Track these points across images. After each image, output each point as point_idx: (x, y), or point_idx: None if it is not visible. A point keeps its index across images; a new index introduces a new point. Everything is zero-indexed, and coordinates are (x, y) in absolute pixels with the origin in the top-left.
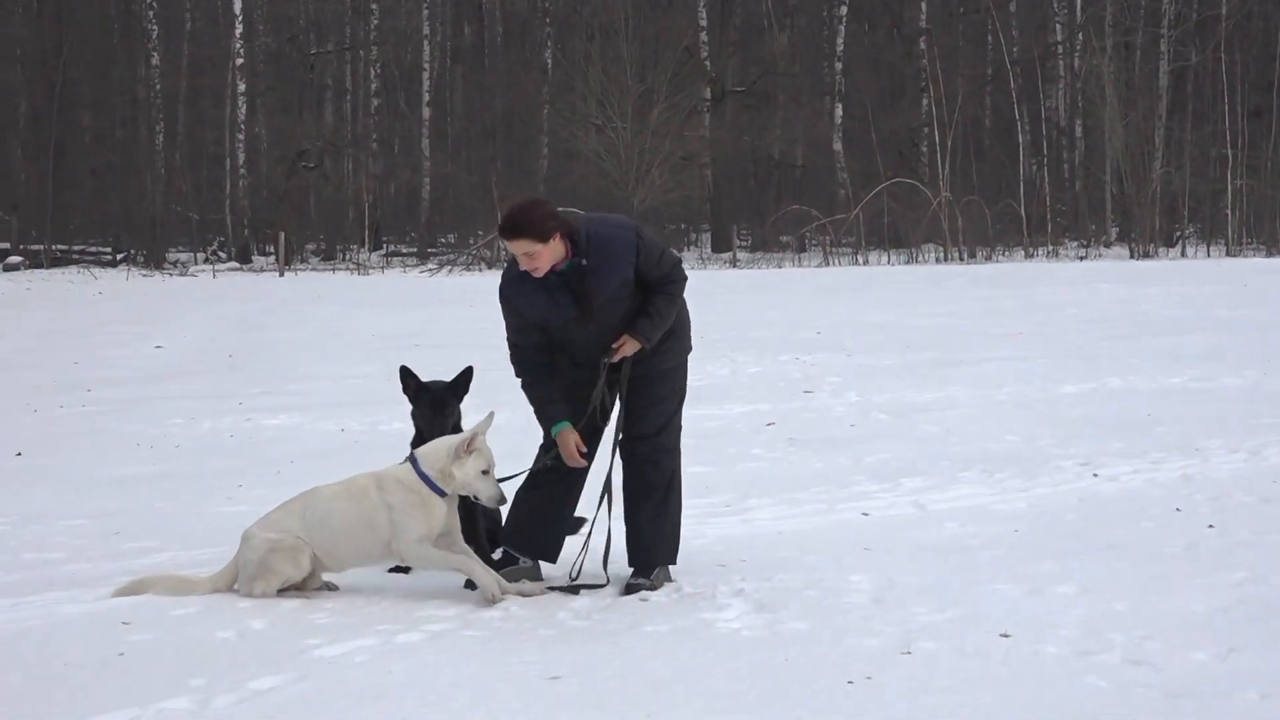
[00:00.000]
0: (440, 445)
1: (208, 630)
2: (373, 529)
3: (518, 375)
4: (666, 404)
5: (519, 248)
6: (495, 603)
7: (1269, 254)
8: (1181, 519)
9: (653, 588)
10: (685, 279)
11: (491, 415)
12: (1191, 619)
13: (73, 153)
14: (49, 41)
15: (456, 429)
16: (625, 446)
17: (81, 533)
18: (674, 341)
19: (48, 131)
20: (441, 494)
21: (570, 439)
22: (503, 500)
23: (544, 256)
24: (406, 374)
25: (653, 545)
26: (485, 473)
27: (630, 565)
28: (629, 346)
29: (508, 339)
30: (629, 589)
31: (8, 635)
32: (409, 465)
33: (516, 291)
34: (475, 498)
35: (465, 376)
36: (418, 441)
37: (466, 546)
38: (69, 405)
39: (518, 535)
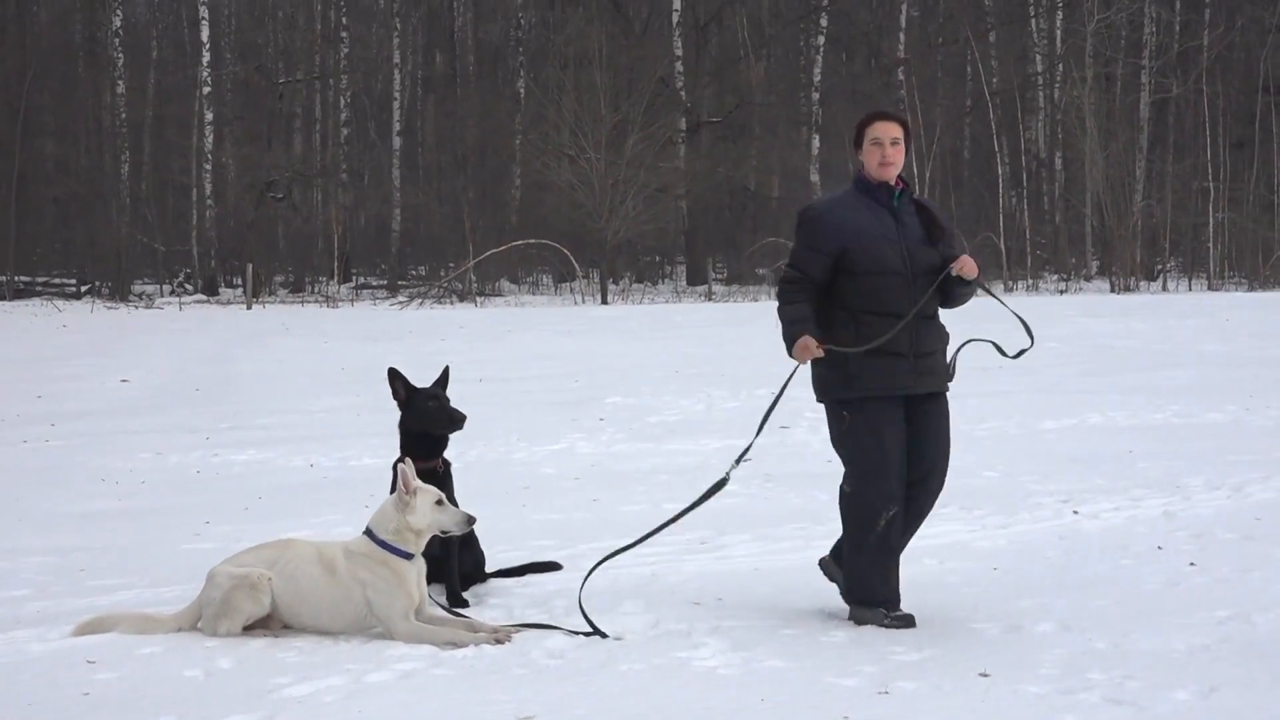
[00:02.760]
0: (385, 506)
1: (174, 669)
2: (346, 603)
3: (784, 302)
4: (947, 437)
5: (892, 131)
6: (504, 641)
7: (1251, 288)
8: (1163, 556)
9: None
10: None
11: (409, 461)
12: (1173, 657)
13: (36, 181)
14: (12, 67)
15: (442, 441)
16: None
17: (46, 569)
18: (944, 371)
19: (10, 159)
20: (408, 557)
21: (810, 341)
22: (471, 521)
23: (902, 153)
24: (395, 376)
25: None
26: (439, 503)
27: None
28: (968, 266)
29: (790, 268)
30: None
31: None
32: (365, 538)
33: (830, 210)
34: (445, 532)
35: (444, 376)
36: (405, 447)
37: (439, 615)
38: (32, 440)
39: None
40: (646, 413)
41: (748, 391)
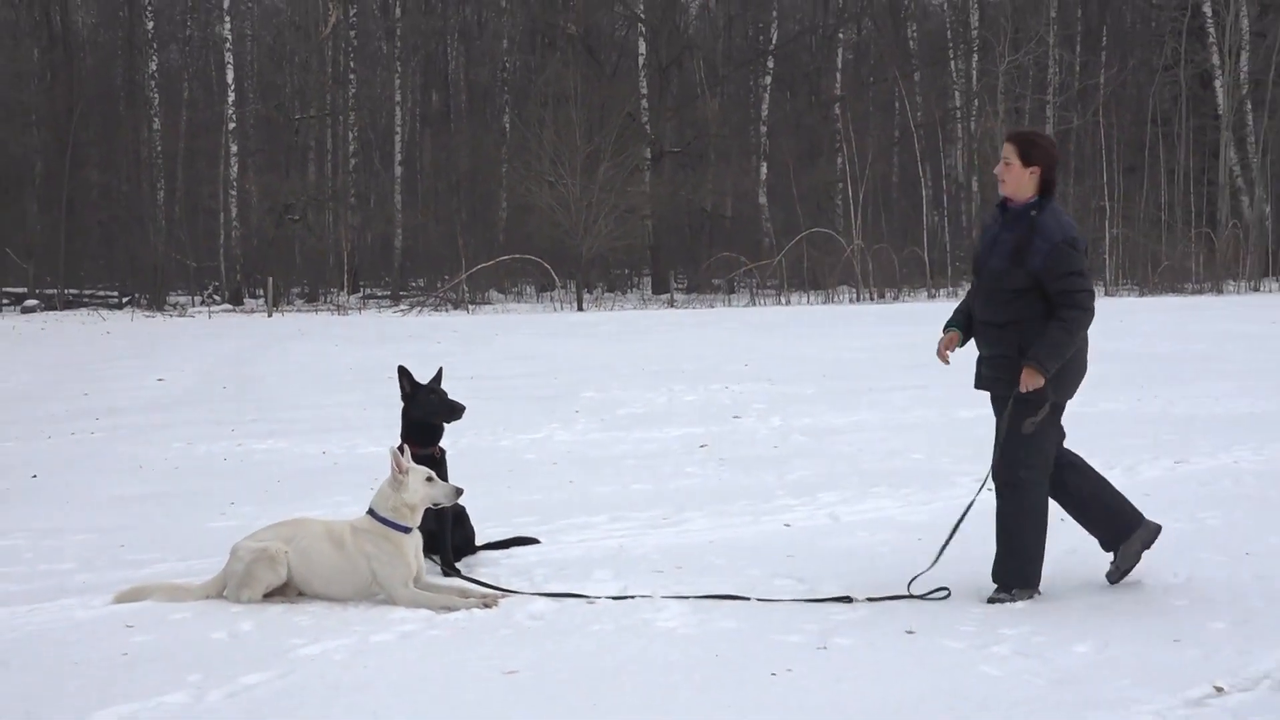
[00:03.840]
0: (383, 487)
1: (202, 632)
2: (354, 574)
3: None
4: (1013, 440)
5: (1005, 150)
6: (492, 606)
7: (1142, 293)
8: (1065, 527)
9: (998, 600)
10: (1083, 311)
11: (406, 447)
12: (1074, 616)
13: (82, 207)
14: (61, 107)
15: (438, 430)
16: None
17: (90, 546)
18: (1016, 373)
19: (60, 187)
20: (406, 531)
21: (949, 337)
22: (459, 492)
23: (1013, 173)
24: (404, 373)
25: (1002, 568)
26: (429, 479)
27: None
28: (1029, 378)
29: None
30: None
31: (24, 637)
32: (368, 517)
33: (988, 219)
34: (436, 504)
35: (438, 375)
36: (406, 434)
37: (435, 581)
38: (79, 432)
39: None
40: (616, 405)
41: (704, 386)
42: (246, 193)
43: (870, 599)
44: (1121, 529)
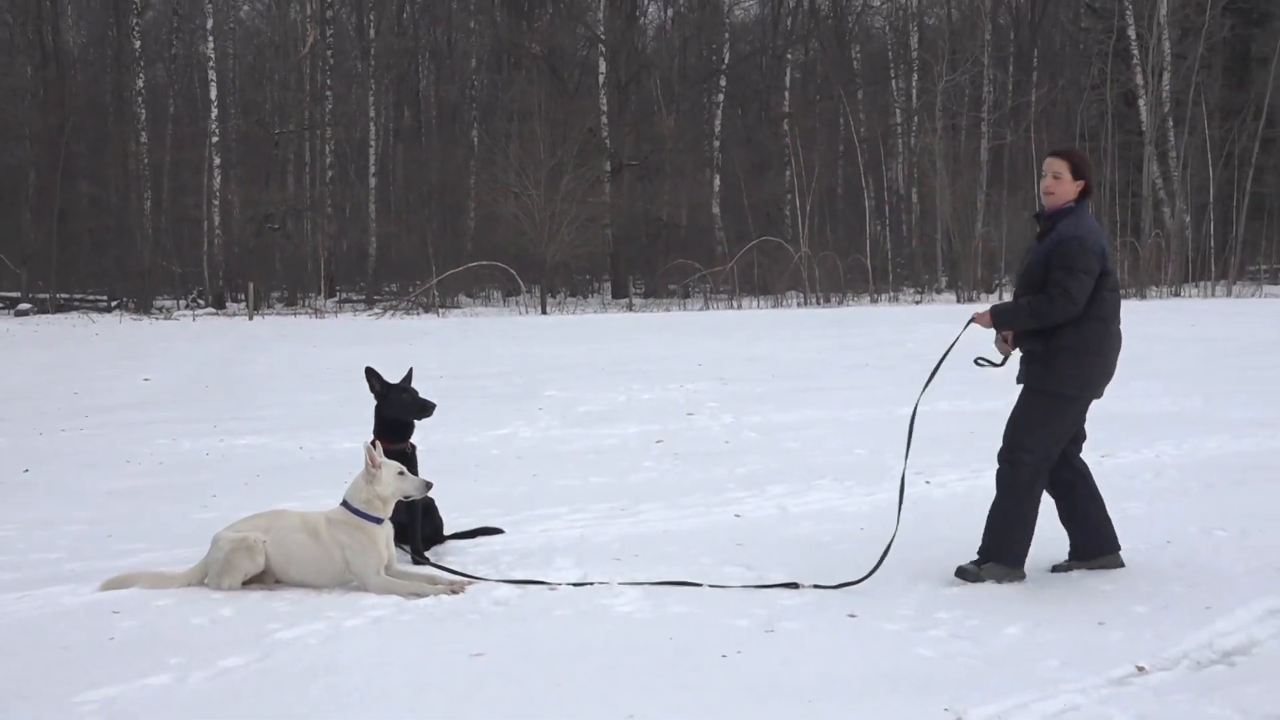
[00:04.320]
0: (357, 480)
1: (185, 617)
2: (328, 562)
3: None
4: (1019, 422)
5: (1053, 166)
6: (459, 592)
7: None
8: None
9: (975, 575)
10: (1058, 298)
11: (378, 443)
12: (1005, 600)
13: (73, 216)
14: (53, 122)
15: (409, 427)
16: None
17: (79, 536)
18: (1040, 366)
19: (52, 198)
20: (377, 521)
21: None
22: (428, 486)
23: (1063, 186)
24: (371, 374)
25: (985, 540)
26: (400, 474)
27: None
28: (980, 318)
29: None
30: (959, 571)
31: (16, 623)
32: (342, 508)
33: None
34: (407, 497)
35: (408, 376)
36: (379, 431)
37: (405, 569)
38: (69, 429)
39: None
40: (577, 403)
41: (660, 385)
42: (229, 203)
43: (816, 585)
44: (1094, 547)
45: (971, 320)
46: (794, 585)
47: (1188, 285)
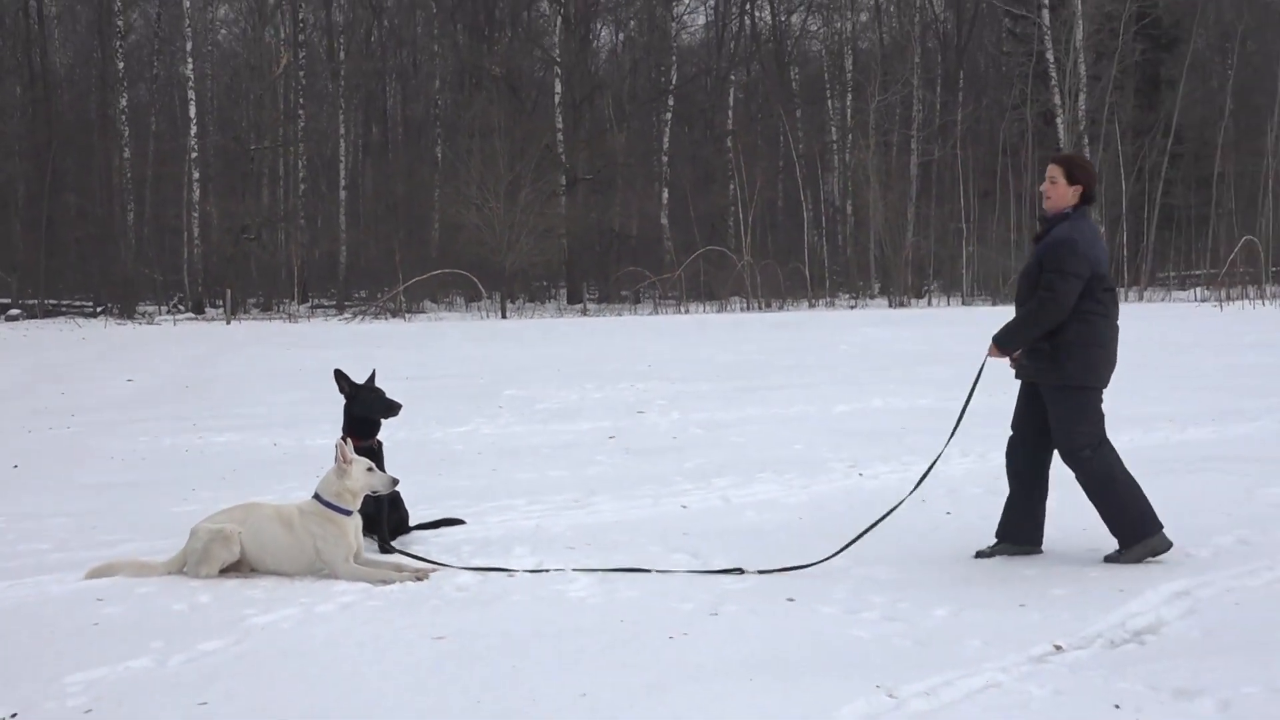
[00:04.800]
0: (328, 475)
1: (165, 604)
2: (300, 552)
3: None
4: (1061, 426)
5: (1050, 171)
6: (424, 579)
7: (994, 303)
8: (926, 507)
9: (1118, 560)
10: (1048, 309)
11: (349, 440)
12: (934, 584)
13: (61, 226)
14: (41, 138)
15: (375, 425)
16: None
17: (65, 528)
18: (1049, 363)
19: (41, 209)
20: (347, 513)
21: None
22: (395, 482)
23: (1058, 190)
24: (340, 375)
25: (1113, 530)
26: (369, 469)
27: None
28: (992, 352)
29: None
30: (1107, 558)
31: (5, 609)
32: (314, 500)
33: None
34: (375, 492)
35: (372, 377)
36: (348, 429)
37: (373, 558)
38: (56, 427)
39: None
40: (534, 402)
41: (612, 385)
42: (207, 214)
43: (760, 571)
44: (1022, 531)
45: (986, 359)
46: (739, 571)
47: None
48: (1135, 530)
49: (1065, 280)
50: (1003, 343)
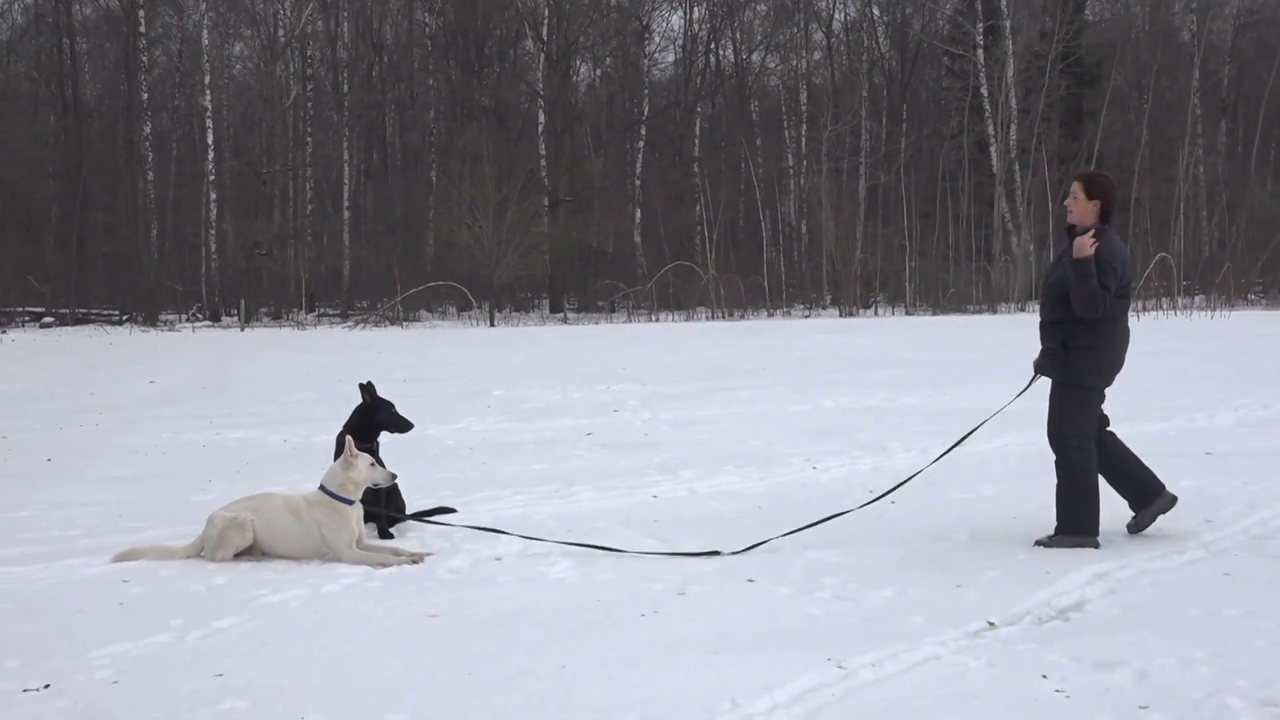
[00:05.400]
0: (333, 467)
1: (185, 585)
2: (307, 538)
3: None
4: (1056, 415)
5: (1073, 188)
6: (419, 562)
7: (934, 313)
8: (873, 497)
9: (1048, 545)
10: (1086, 299)
11: (348, 437)
12: (881, 567)
13: (90, 242)
14: (72, 162)
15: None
16: None
17: (94, 515)
18: (1060, 361)
19: (72, 227)
20: (349, 503)
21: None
22: (394, 477)
23: (1079, 204)
24: (369, 389)
25: (1060, 516)
26: (372, 465)
27: None
28: (1080, 247)
29: None
30: (1039, 541)
31: (39, 589)
32: (320, 491)
33: (1062, 242)
34: (376, 484)
35: (370, 386)
36: (352, 427)
37: (373, 543)
38: (86, 424)
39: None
40: (520, 401)
41: (590, 386)
42: (223, 231)
43: (733, 552)
44: (1143, 494)
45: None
46: (715, 553)
47: (1032, 302)
48: (1078, 526)
49: (1105, 289)
50: (1078, 265)
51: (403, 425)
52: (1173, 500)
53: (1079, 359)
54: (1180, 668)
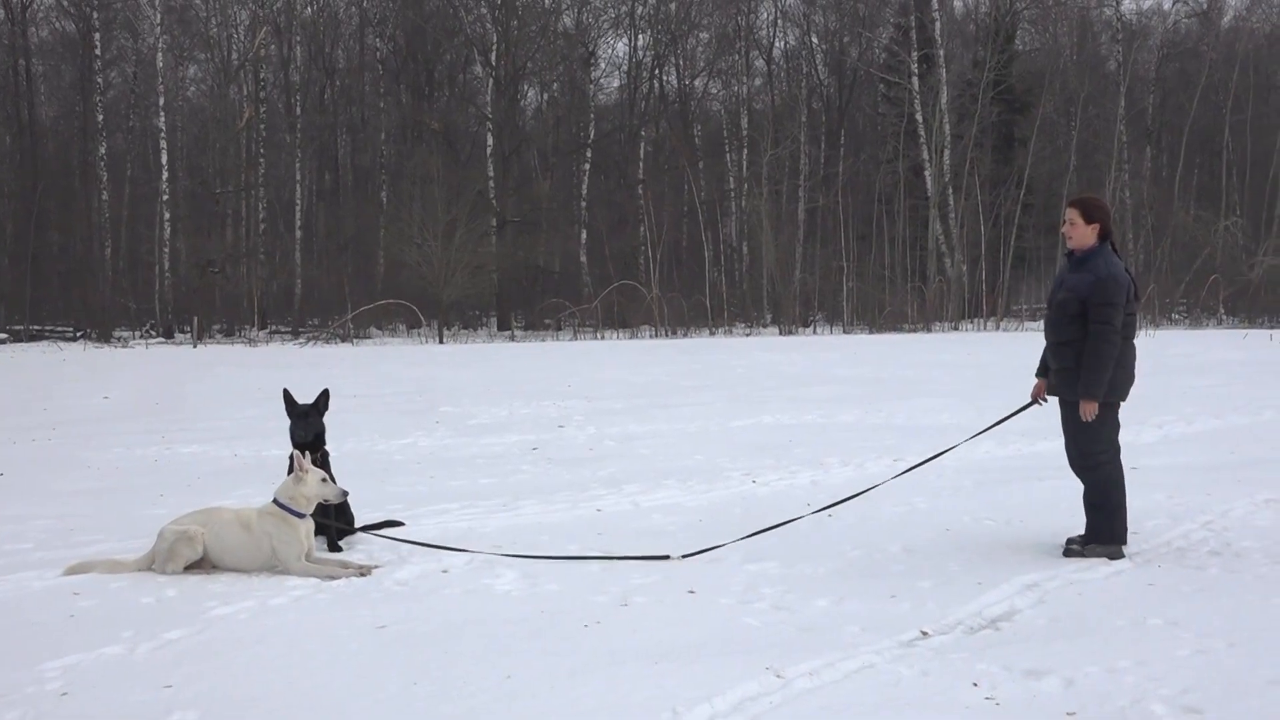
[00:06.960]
0: (286, 481)
1: (135, 597)
2: (257, 551)
3: None
4: (1081, 435)
5: (1069, 213)
6: (367, 575)
7: (871, 331)
8: (810, 511)
9: (1079, 552)
10: (1107, 326)
11: (298, 453)
12: (818, 577)
13: (45, 260)
14: (28, 182)
15: (320, 438)
16: None
17: (46, 529)
18: (1075, 380)
19: (26, 245)
20: (301, 516)
21: (1039, 383)
22: (345, 494)
23: (1078, 230)
24: (289, 397)
25: (1091, 528)
26: (324, 480)
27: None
28: (1086, 409)
29: None
30: (1068, 550)
31: None
32: (272, 504)
33: (1061, 265)
34: (326, 499)
35: (323, 396)
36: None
37: (322, 556)
38: (39, 439)
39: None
40: (467, 417)
41: (536, 402)
42: (177, 250)
43: (684, 555)
44: (1105, 534)
45: (1031, 403)
46: (665, 557)
47: (964, 321)
48: (1112, 536)
49: (1117, 310)
50: (1094, 393)
51: (292, 436)
52: (1121, 556)
53: None
54: (1106, 676)
